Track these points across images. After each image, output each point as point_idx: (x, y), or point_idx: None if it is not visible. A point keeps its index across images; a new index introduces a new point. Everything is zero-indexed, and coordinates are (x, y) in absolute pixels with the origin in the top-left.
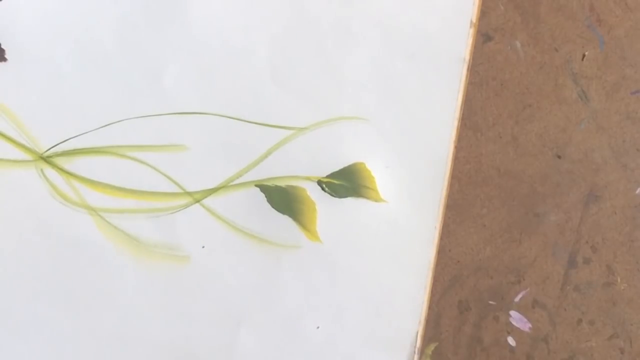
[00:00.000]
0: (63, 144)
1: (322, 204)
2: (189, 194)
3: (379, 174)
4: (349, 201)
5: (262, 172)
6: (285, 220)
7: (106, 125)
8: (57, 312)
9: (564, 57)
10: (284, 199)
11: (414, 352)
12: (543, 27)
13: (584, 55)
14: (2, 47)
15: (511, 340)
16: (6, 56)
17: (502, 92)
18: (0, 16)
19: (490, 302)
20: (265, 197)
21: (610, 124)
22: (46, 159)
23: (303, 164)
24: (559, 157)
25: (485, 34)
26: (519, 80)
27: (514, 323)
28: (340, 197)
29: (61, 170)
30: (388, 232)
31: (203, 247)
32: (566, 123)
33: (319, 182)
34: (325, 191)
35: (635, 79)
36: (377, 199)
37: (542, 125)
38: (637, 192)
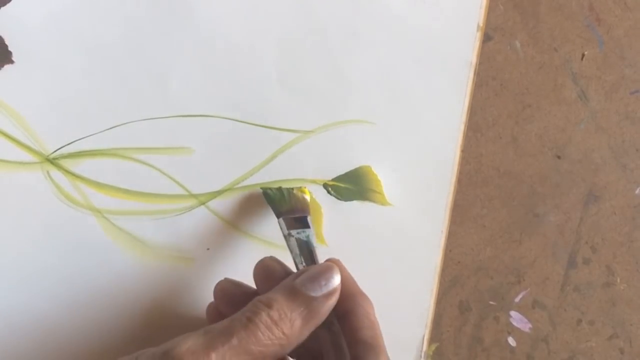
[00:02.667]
0: (69, 146)
1: (328, 207)
2: (194, 196)
3: (386, 178)
4: (355, 204)
5: (268, 175)
6: None
7: (112, 128)
8: (62, 313)
9: (564, 57)
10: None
11: (420, 356)
12: (542, 27)
13: (583, 55)
14: (9, 49)
15: (511, 341)
16: (13, 58)
17: (502, 92)
18: (7, 18)
19: (491, 303)
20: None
21: (610, 124)
22: (52, 161)
23: (309, 167)
24: (559, 157)
25: (485, 34)
26: (518, 80)
27: (514, 323)
28: (346, 200)
29: (67, 172)
30: (394, 235)
31: (208, 249)
32: (566, 123)
33: (325, 185)
34: (331, 194)
35: (634, 79)
36: (384, 203)
37: (541, 125)
38: (637, 192)
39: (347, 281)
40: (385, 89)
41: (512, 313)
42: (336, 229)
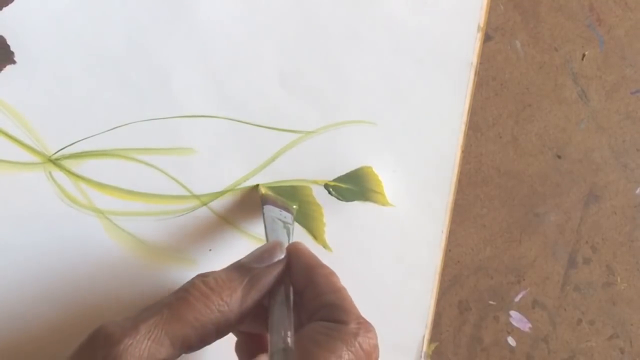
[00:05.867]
0: (71, 146)
1: (329, 208)
2: (197, 197)
3: (387, 178)
4: (356, 205)
5: (269, 176)
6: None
7: (114, 128)
8: (63, 314)
9: (564, 57)
10: (290, 200)
11: (421, 356)
12: (543, 26)
13: (583, 55)
14: (11, 49)
15: (511, 340)
16: (15, 58)
17: (502, 92)
18: (9, 19)
19: (491, 302)
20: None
21: (610, 124)
22: (54, 162)
23: (310, 167)
24: (559, 157)
25: (486, 34)
26: (519, 80)
27: (514, 323)
28: (347, 200)
29: (69, 172)
30: (395, 236)
31: (210, 250)
32: (566, 123)
33: (326, 186)
34: (332, 195)
35: (635, 79)
36: (385, 203)
37: (542, 125)
38: (637, 192)
39: (306, 258)
40: (386, 90)
41: (512, 313)
42: (337, 230)
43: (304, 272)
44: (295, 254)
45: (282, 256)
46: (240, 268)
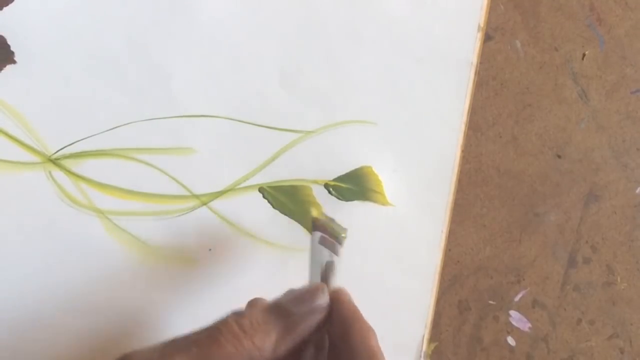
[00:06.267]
0: (71, 146)
1: (329, 208)
2: (197, 196)
3: (387, 178)
4: (356, 205)
5: (269, 175)
6: (292, 222)
7: (114, 128)
8: (63, 313)
9: (564, 57)
10: (290, 199)
11: (420, 357)
12: (543, 26)
13: (584, 55)
14: (12, 49)
15: (511, 340)
16: (15, 58)
17: (502, 91)
18: (9, 18)
19: (490, 302)
20: (270, 199)
21: (610, 124)
22: (54, 161)
23: (310, 167)
24: (559, 156)
25: (486, 34)
26: (519, 80)
27: (514, 323)
28: (347, 200)
29: (69, 172)
30: (395, 236)
31: (210, 249)
32: (566, 123)
33: (326, 186)
34: (332, 194)
35: (635, 79)
36: (384, 203)
37: (542, 125)
38: (637, 191)
39: (346, 311)
40: (386, 89)
41: (512, 312)
42: None
43: (342, 324)
44: (336, 302)
45: (323, 301)
46: (277, 310)
